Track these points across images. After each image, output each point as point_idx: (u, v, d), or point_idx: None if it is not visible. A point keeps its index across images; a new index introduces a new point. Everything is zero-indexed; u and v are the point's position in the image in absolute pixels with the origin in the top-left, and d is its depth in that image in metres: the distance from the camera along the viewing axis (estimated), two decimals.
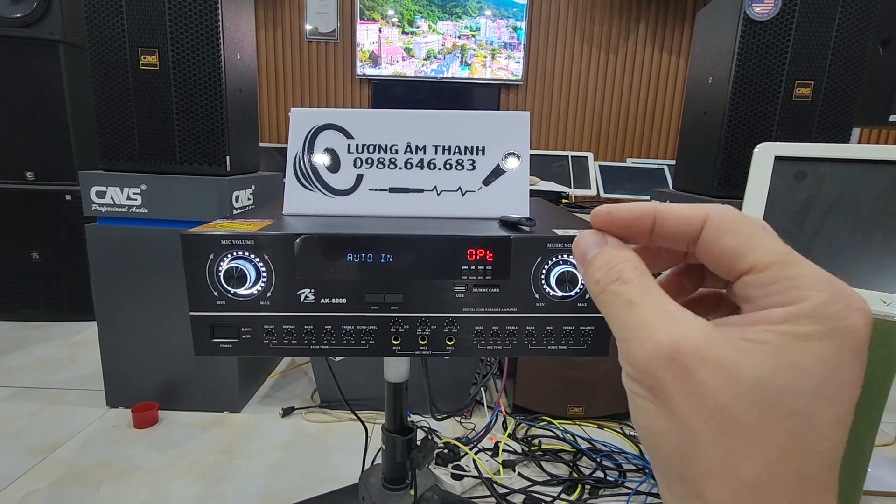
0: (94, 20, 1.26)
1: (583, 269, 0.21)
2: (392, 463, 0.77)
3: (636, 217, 0.20)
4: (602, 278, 0.20)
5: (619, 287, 0.19)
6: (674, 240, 0.20)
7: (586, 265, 0.21)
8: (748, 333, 0.16)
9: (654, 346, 0.16)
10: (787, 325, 0.16)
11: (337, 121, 0.58)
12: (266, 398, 1.55)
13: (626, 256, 0.20)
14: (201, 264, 0.46)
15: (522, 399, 1.45)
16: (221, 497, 1.12)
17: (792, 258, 0.17)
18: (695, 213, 0.19)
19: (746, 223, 0.18)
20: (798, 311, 0.16)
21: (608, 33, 3.52)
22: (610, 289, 0.19)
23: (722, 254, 0.18)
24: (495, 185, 0.57)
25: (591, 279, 0.20)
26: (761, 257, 0.17)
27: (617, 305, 0.19)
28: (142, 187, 1.32)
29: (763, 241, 0.17)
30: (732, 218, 0.18)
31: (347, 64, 3.54)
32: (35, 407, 1.45)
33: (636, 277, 0.19)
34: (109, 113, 1.31)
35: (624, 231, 0.21)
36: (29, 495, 1.10)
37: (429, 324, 0.48)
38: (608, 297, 0.19)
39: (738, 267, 0.18)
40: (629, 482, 1.21)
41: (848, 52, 1.28)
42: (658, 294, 0.18)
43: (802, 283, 0.16)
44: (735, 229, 0.18)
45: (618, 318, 0.18)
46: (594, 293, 0.20)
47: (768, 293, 0.17)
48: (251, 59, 1.50)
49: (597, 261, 0.20)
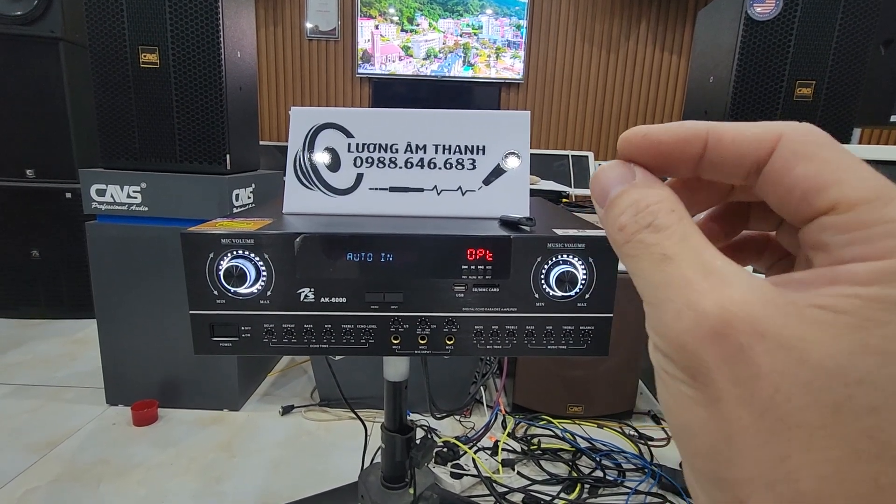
0: (94, 18, 1.26)
1: (602, 211, 0.17)
2: (391, 461, 0.77)
3: (681, 139, 0.16)
4: (628, 224, 0.16)
5: (650, 236, 0.15)
6: (730, 168, 0.15)
7: (607, 206, 0.17)
8: (822, 298, 0.12)
9: (697, 316, 0.13)
10: (877, 288, 0.12)
11: (337, 120, 0.58)
12: (266, 396, 1.55)
13: (659, 195, 0.16)
14: (201, 263, 0.46)
15: (522, 398, 1.45)
16: (221, 495, 1.12)
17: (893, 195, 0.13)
18: (764, 132, 0.15)
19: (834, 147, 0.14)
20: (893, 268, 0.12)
21: (609, 32, 3.51)
22: (638, 238, 0.15)
23: (795, 184, 0.14)
24: (495, 184, 0.57)
25: (614, 225, 0.16)
26: (849, 192, 0.13)
27: (646, 260, 0.15)
28: (142, 185, 1.32)
29: (853, 171, 0.13)
30: (816, 139, 0.14)
31: (348, 62, 3.54)
32: (35, 404, 1.45)
33: (673, 223, 0.15)
34: (110, 111, 1.31)
35: (661, 159, 0.16)
36: (28, 493, 1.10)
37: (428, 323, 0.48)
38: (635, 248, 0.15)
39: (817, 203, 0.13)
40: (628, 481, 1.21)
41: (849, 52, 1.28)
42: (702, 245, 0.14)
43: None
44: (817, 154, 0.14)
45: (648, 277, 0.15)
46: (617, 243, 0.16)
47: (853, 240, 0.13)
48: (251, 58, 1.50)
49: (621, 201, 0.16)
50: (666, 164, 0.16)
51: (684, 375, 0.14)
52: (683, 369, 0.14)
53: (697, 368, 0.13)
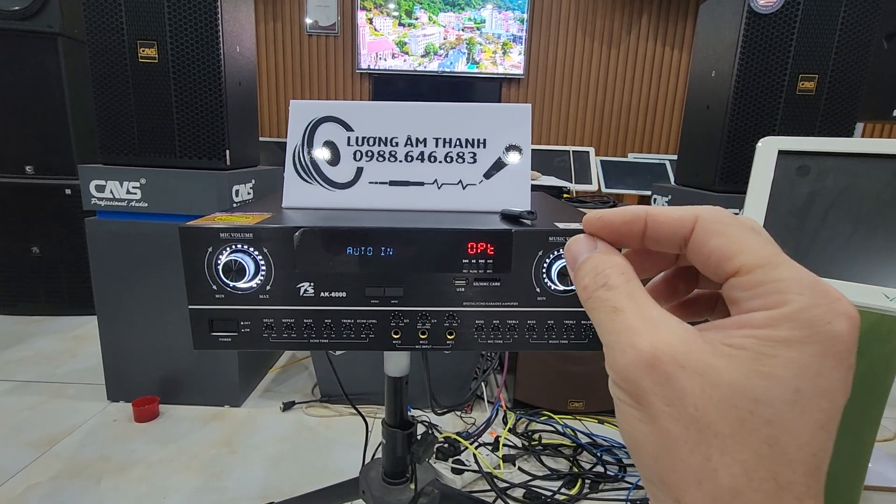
0: (92, 13, 1.26)
1: (573, 273, 0.21)
2: (392, 457, 0.77)
3: (626, 221, 0.20)
4: (589, 284, 0.20)
5: (604, 293, 0.19)
6: (665, 242, 0.20)
7: (576, 270, 0.21)
8: (730, 338, 0.16)
9: (636, 352, 0.17)
10: (768, 330, 0.16)
11: (337, 113, 0.57)
12: (266, 392, 1.55)
13: (613, 262, 0.20)
14: (200, 257, 0.46)
15: (523, 394, 1.45)
16: (222, 490, 1.12)
17: (778, 261, 0.17)
18: (685, 215, 0.19)
19: (735, 224, 0.18)
20: (779, 315, 0.16)
21: (610, 27, 3.50)
22: (596, 294, 0.19)
23: (710, 255, 0.18)
24: (496, 178, 0.57)
25: (580, 285, 0.20)
26: (747, 259, 0.17)
27: (602, 311, 0.19)
28: (141, 181, 1.31)
29: (750, 243, 0.17)
30: (721, 219, 0.18)
31: (348, 58, 3.53)
32: (36, 401, 1.45)
33: (622, 283, 0.19)
34: (108, 106, 1.31)
35: (615, 235, 0.21)
36: (30, 488, 1.10)
37: (429, 318, 0.48)
38: (594, 303, 0.19)
39: (726, 268, 0.17)
40: (629, 477, 1.21)
41: (852, 46, 1.27)
42: (643, 300, 0.18)
43: (786, 286, 0.16)
44: (723, 231, 0.18)
45: (603, 325, 0.18)
46: (582, 299, 0.20)
47: (752, 296, 0.17)
48: (251, 53, 1.49)
49: (585, 266, 0.20)
50: (620, 239, 0.21)
51: (631, 400, 0.17)
52: (629, 395, 0.17)
53: (639, 394, 0.17)
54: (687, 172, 1.58)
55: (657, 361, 0.16)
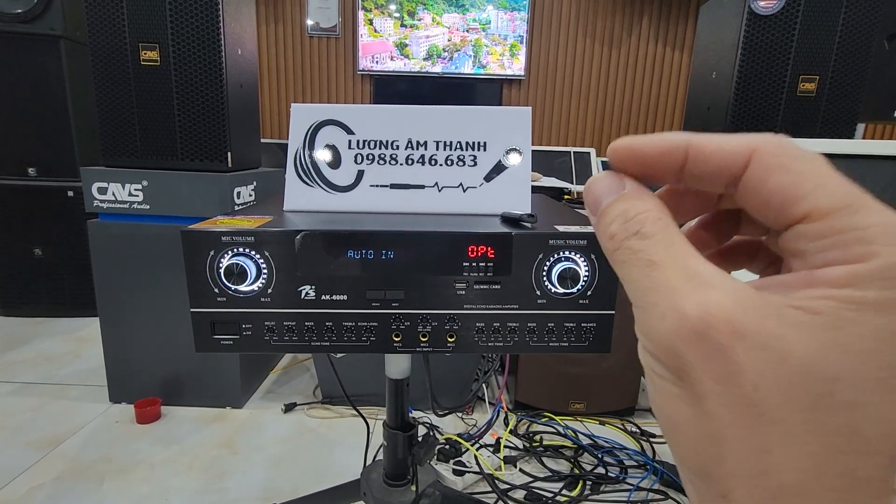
0: (94, 15, 1.26)
1: (595, 219, 0.18)
2: (393, 459, 0.77)
3: (663, 152, 0.17)
4: (618, 232, 0.16)
5: (637, 243, 0.16)
6: (710, 179, 0.16)
7: (599, 215, 0.17)
8: (799, 300, 0.13)
9: (679, 318, 0.14)
10: (850, 290, 0.13)
11: (338, 116, 0.58)
12: (268, 394, 1.56)
13: (646, 205, 0.16)
14: (202, 261, 0.46)
15: (524, 395, 1.45)
16: (223, 492, 1.12)
17: (861, 203, 0.13)
18: (740, 145, 0.15)
19: (805, 158, 0.14)
20: (864, 272, 0.12)
21: (611, 28, 3.50)
22: (627, 245, 0.16)
23: (771, 195, 0.14)
24: (497, 181, 0.57)
25: (605, 232, 0.17)
26: (822, 201, 0.14)
27: (634, 265, 0.16)
28: (143, 183, 1.32)
29: (826, 181, 0.14)
30: (787, 152, 0.15)
31: (349, 59, 3.53)
32: (38, 402, 1.45)
33: (659, 231, 0.16)
34: (111, 109, 1.31)
35: (647, 170, 0.17)
36: (33, 490, 1.11)
37: (430, 320, 0.48)
38: (624, 254, 0.16)
39: (792, 212, 0.14)
40: (631, 478, 1.21)
41: (853, 47, 1.27)
42: (685, 251, 0.15)
43: (872, 234, 0.13)
44: (789, 165, 0.14)
45: (636, 282, 0.15)
46: (608, 250, 0.17)
47: (827, 246, 0.13)
48: (252, 55, 1.49)
49: (611, 210, 0.17)
50: (651, 175, 0.17)
51: (670, 375, 0.14)
52: (669, 369, 0.14)
53: (682, 368, 0.14)
54: None
55: (707, 329, 0.13)
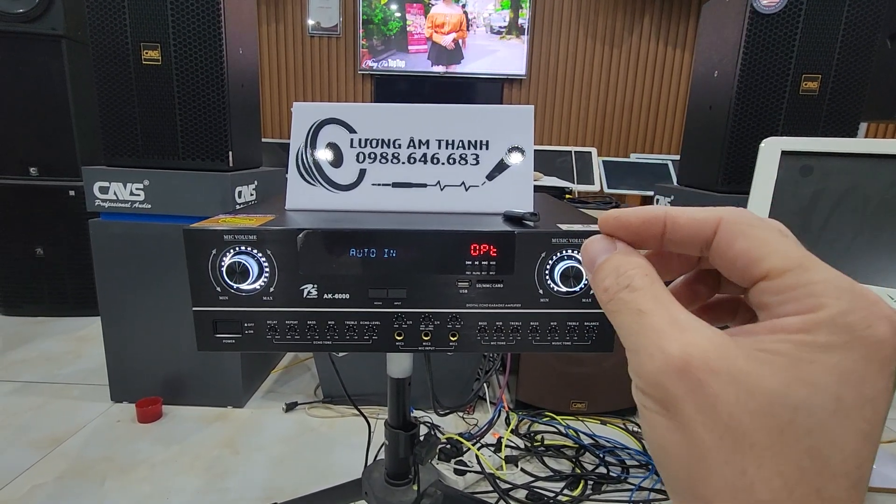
0: (95, 15, 1.26)
1: (591, 275, 0.20)
2: (395, 458, 0.77)
3: (645, 221, 0.20)
4: (611, 286, 0.19)
5: (628, 295, 0.18)
6: (686, 244, 0.19)
7: (595, 272, 0.20)
8: (763, 343, 0.15)
9: (665, 357, 0.16)
10: (804, 335, 0.15)
11: (340, 115, 0.58)
12: (269, 393, 1.56)
13: (635, 263, 0.19)
14: (204, 259, 0.46)
15: (525, 395, 1.45)
16: (225, 491, 1.12)
17: (810, 263, 0.16)
18: (707, 216, 0.18)
19: (762, 226, 0.17)
20: (815, 320, 0.15)
21: (612, 27, 3.49)
22: (619, 297, 0.18)
23: (736, 258, 0.17)
24: (499, 179, 0.57)
25: (600, 286, 0.19)
26: (777, 262, 0.16)
27: (626, 314, 0.18)
28: (145, 183, 1.32)
29: (779, 246, 0.16)
30: (747, 220, 0.17)
31: (350, 59, 3.53)
32: (40, 401, 1.46)
33: (646, 285, 0.18)
34: (112, 108, 1.31)
35: (633, 236, 0.20)
36: (35, 489, 1.11)
37: (432, 319, 0.48)
38: (617, 305, 0.18)
39: (753, 272, 0.17)
40: (632, 478, 1.21)
41: (856, 45, 1.27)
42: (669, 302, 0.17)
43: (820, 289, 0.15)
44: (749, 232, 0.17)
45: (627, 328, 0.18)
46: (602, 301, 0.19)
47: (784, 300, 0.16)
48: (253, 55, 1.49)
49: (605, 267, 0.19)
50: (637, 240, 0.20)
51: (658, 408, 0.16)
52: (657, 402, 0.16)
53: (668, 400, 0.16)
54: (689, 173, 1.58)
55: (688, 366, 0.15)
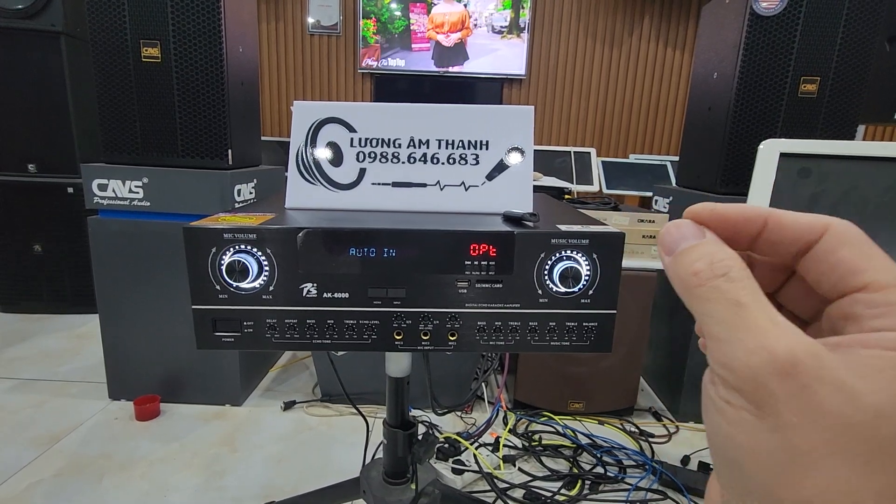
0: (95, 12, 1.26)
1: (670, 258, 0.19)
2: (393, 457, 0.77)
3: (746, 218, 0.19)
4: (703, 270, 0.18)
5: (725, 284, 0.17)
6: (784, 245, 0.19)
7: (679, 254, 0.19)
8: (862, 357, 0.15)
9: (770, 356, 0.15)
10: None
11: (340, 114, 0.58)
12: (267, 392, 1.56)
13: (731, 254, 0.18)
14: (203, 257, 0.46)
15: (523, 394, 1.45)
16: (223, 489, 1.12)
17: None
18: (815, 220, 0.18)
19: (867, 241, 0.17)
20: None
21: (612, 28, 3.49)
22: (714, 284, 0.17)
23: (837, 265, 0.17)
24: (499, 179, 0.57)
25: (687, 270, 0.18)
26: (880, 276, 0.16)
27: (720, 303, 0.17)
28: (144, 180, 1.32)
29: (884, 262, 0.16)
30: (856, 231, 0.17)
31: (350, 58, 3.53)
32: (38, 399, 1.45)
33: (745, 277, 0.17)
34: (111, 105, 1.31)
35: (728, 231, 0.19)
36: (32, 486, 1.11)
37: (431, 319, 0.48)
38: (710, 292, 0.17)
39: (851, 282, 0.17)
40: (629, 478, 1.21)
41: (855, 48, 1.27)
42: (767, 301, 0.17)
43: None
44: (856, 243, 0.17)
45: (719, 317, 0.17)
46: (688, 286, 0.18)
47: (880, 314, 0.16)
48: (253, 53, 1.49)
49: (695, 252, 0.18)
50: (731, 236, 0.19)
51: (749, 405, 0.16)
52: (750, 400, 0.16)
53: (766, 400, 0.15)
54: (688, 174, 1.58)
55: (795, 369, 0.15)
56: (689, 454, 1.30)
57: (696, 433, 1.43)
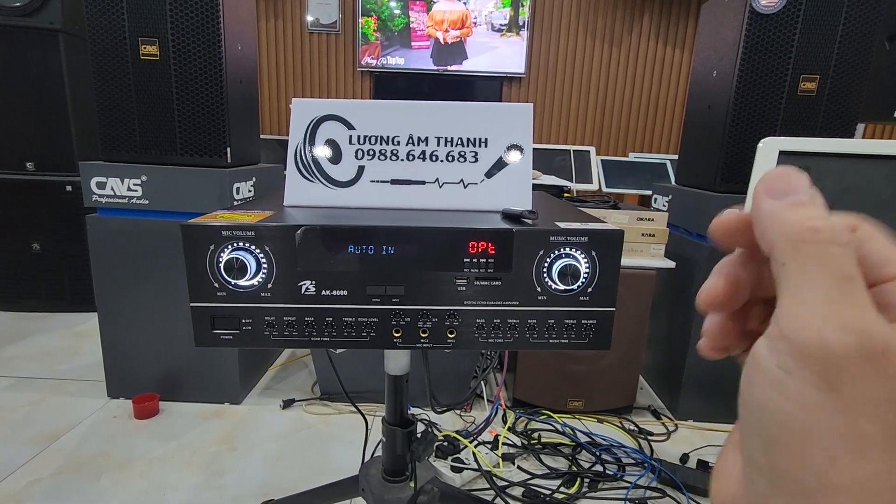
0: (93, 9, 1.25)
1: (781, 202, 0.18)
2: (392, 455, 0.77)
3: None
4: (824, 230, 0.16)
5: (841, 252, 0.16)
6: None
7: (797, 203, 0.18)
8: None
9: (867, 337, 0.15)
10: None
11: (338, 111, 0.58)
12: (266, 390, 1.56)
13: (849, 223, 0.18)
14: (202, 255, 0.46)
15: (522, 393, 1.45)
16: (222, 488, 1.12)
17: None
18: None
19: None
20: None
21: (612, 26, 3.49)
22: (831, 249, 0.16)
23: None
24: (498, 177, 0.57)
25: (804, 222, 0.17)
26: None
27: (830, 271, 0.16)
28: (142, 178, 1.31)
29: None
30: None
31: (349, 56, 3.52)
32: (36, 397, 1.45)
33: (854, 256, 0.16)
34: (110, 103, 1.31)
35: None
36: (31, 484, 1.11)
37: (430, 316, 0.48)
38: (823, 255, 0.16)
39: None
40: (628, 476, 1.21)
41: (854, 46, 1.27)
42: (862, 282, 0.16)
43: None
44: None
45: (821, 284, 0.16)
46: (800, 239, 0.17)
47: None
48: (252, 51, 1.49)
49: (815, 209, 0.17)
50: None
51: (818, 380, 0.15)
52: (819, 375, 0.15)
53: (838, 378, 0.15)
54: (688, 172, 1.58)
55: (883, 354, 0.15)
56: (687, 452, 1.30)
57: (695, 431, 1.43)
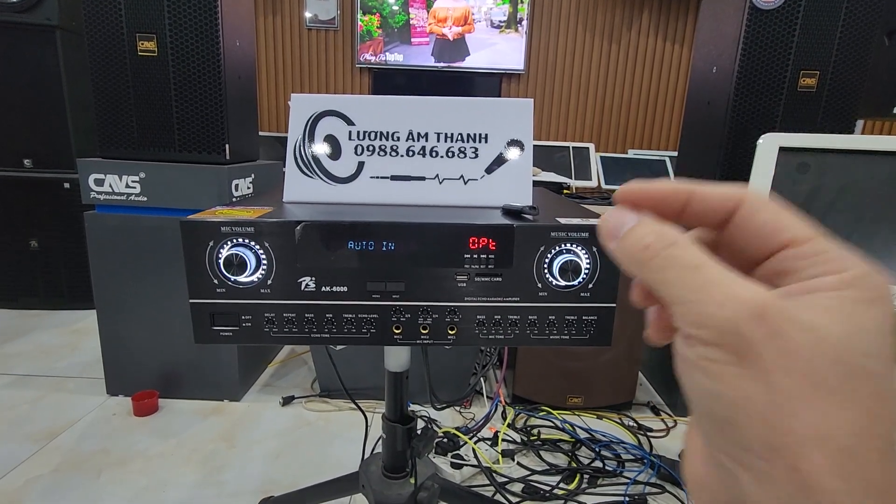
0: (90, 5, 1.25)
1: (615, 242, 0.21)
2: (392, 452, 0.77)
3: (671, 192, 0.20)
4: (654, 243, 0.19)
5: (677, 251, 0.18)
6: (707, 217, 0.20)
7: (626, 235, 0.20)
8: (813, 300, 0.16)
9: (740, 303, 0.16)
10: (849, 291, 0.16)
11: (338, 107, 0.57)
12: (266, 387, 1.56)
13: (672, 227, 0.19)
14: (201, 251, 0.46)
15: (522, 389, 1.46)
16: (221, 485, 1.13)
17: (819, 234, 0.18)
18: (732, 191, 0.20)
19: (776, 204, 0.19)
20: (850, 279, 0.16)
21: (611, 22, 3.48)
22: (667, 253, 0.18)
23: (760, 228, 0.19)
24: (498, 173, 0.57)
25: (639, 244, 0.19)
26: (799, 232, 0.18)
27: (678, 269, 0.18)
28: (140, 175, 1.31)
29: (796, 219, 0.18)
30: (765, 199, 0.19)
31: (347, 52, 3.51)
32: (36, 394, 1.45)
33: (692, 244, 0.18)
34: (107, 100, 1.30)
35: (656, 206, 0.21)
36: (30, 482, 1.10)
37: (430, 313, 0.48)
38: (665, 261, 0.18)
39: (777, 240, 0.18)
40: (627, 472, 1.21)
41: (854, 42, 1.27)
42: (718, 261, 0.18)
43: (840, 254, 0.17)
44: (770, 207, 0.19)
45: (681, 281, 0.18)
46: (642, 260, 0.19)
47: (812, 264, 0.17)
48: (250, 47, 1.48)
49: (642, 229, 0.20)
50: (659, 212, 0.21)
51: (731, 357, 0.16)
52: (730, 351, 0.16)
53: (745, 347, 0.16)
54: (687, 169, 1.58)
55: (766, 312, 0.16)
56: None
57: None
